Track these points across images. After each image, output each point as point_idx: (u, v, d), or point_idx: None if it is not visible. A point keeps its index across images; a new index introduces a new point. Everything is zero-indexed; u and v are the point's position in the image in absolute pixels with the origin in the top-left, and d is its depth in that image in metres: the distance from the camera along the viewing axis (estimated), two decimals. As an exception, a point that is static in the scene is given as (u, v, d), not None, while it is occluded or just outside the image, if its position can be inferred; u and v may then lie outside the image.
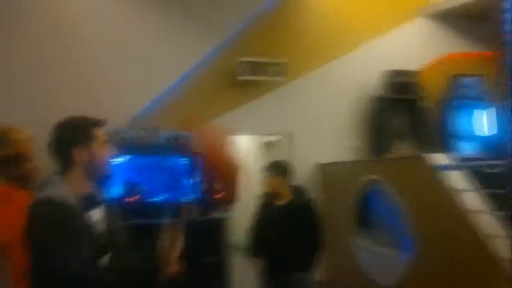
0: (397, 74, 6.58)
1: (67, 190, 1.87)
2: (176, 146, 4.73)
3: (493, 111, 6.59)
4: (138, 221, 3.26)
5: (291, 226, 3.68)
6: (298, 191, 3.89)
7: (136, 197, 4.33)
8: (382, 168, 5.11)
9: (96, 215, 1.93)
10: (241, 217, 4.87)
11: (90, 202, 1.93)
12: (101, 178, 2.03)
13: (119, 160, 4.48)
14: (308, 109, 6.50)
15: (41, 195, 1.85)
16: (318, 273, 5.46)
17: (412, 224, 4.40)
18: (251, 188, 6.88)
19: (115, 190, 4.49)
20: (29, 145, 3.37)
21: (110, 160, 2.03)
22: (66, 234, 1.75)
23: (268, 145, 8.04)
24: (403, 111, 6.68)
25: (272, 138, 7.49)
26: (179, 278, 4.22)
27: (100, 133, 1.99)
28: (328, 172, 6.27)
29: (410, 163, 4.84)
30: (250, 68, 5.97)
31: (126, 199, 4.13)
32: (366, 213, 5.33)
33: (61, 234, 1.74)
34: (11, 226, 2.07)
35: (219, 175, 2.03)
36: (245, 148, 9.08)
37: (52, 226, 1.75)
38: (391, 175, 4.82)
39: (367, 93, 6.69)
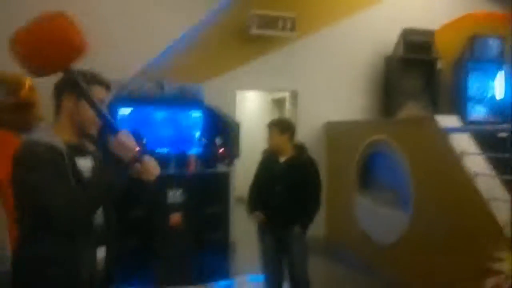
0: (414, 33, 6.39)
1: (54, 135, 1.91)
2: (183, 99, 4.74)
3: (508, 74, 6.41)
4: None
5: (291, 182, 3.71)
6: (299, 149, 3.89)
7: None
8: (389, 129, 5.07)
9: (83, 163, 1.96)
10: (245, 172, 4.93)
11: (77, 151, 1.96)
12: (88, 133, 2.03)
13: (125, 111, 4.51)
14: (319, 66, 6.41)
15: (28, 137, 1.90)
16: (318, 230, 5.56)
17: (414, 184, 4.40)
18: (256, 143, 6.91)
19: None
20: (32, 94, 3.42)
21: (97, 120, 1.99)
22: (53, 172, 1.79)
23: (277, 102, 7.99)
24: (418, 71, 6.53)
25: (281, 95, 7.42)
26: (181, 228, 4.34)
27: (97, 91, 1.97)
28: (335, 131, 6.25)
29: (417, 124, 4.78)
30: (261, 22, 5.84)
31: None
32: (370, 173, 5.34)
33: (49, 172, 1.78)
34: (5, 171, 2.13)
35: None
36: (253, 104, 9.07)
37: (39, 165, 1.78)
38: (398, 135, 4.78)
39: (381, 52, 6.55)
